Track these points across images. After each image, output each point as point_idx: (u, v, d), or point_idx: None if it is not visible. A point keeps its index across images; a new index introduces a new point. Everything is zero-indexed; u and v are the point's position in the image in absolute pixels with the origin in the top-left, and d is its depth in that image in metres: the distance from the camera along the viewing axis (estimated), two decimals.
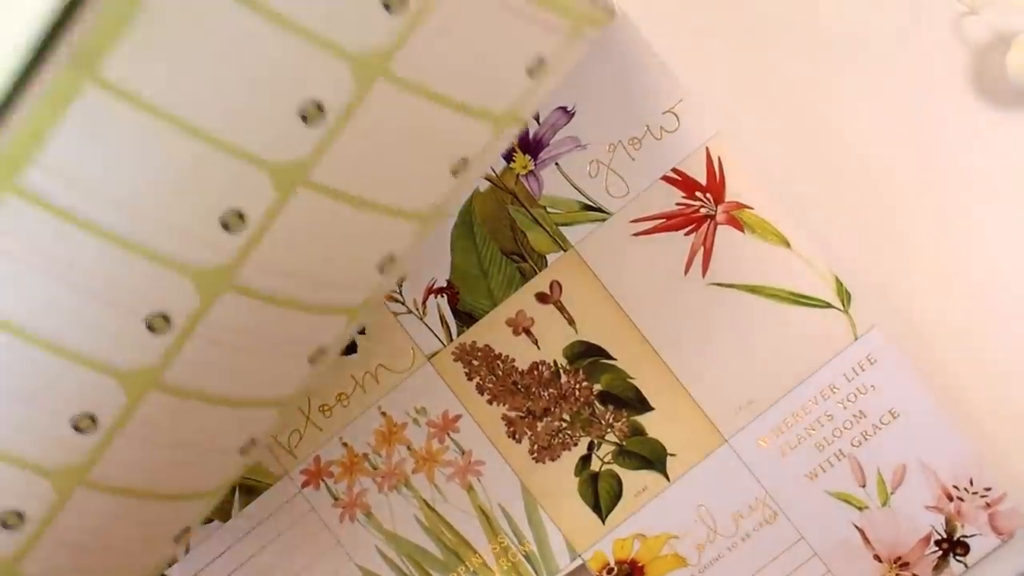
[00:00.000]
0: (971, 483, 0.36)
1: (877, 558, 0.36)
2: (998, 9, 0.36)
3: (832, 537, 0.36)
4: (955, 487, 0.36)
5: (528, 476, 0.37)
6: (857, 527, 0.36)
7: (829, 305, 0.36)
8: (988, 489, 0.36)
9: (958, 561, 0.36)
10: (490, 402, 0.37)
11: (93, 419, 0.26)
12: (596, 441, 0.36)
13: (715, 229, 0.36)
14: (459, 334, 0.36)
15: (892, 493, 0.36)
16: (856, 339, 0.36)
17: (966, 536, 0.36)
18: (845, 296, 0.36)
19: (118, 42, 0.22)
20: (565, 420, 0.37)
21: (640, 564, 0.37)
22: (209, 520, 0.37)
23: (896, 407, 0.36)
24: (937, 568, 0.36)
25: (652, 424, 0.36)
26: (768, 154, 0.36)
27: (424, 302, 0.37)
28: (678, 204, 0.36)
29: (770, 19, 0.36)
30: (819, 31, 0.36)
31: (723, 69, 0.36)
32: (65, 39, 0.22)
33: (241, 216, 0.25)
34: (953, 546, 0.36)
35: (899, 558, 0.36)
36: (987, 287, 0.36)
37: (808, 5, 0.36)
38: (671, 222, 0.36)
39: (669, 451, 0.36)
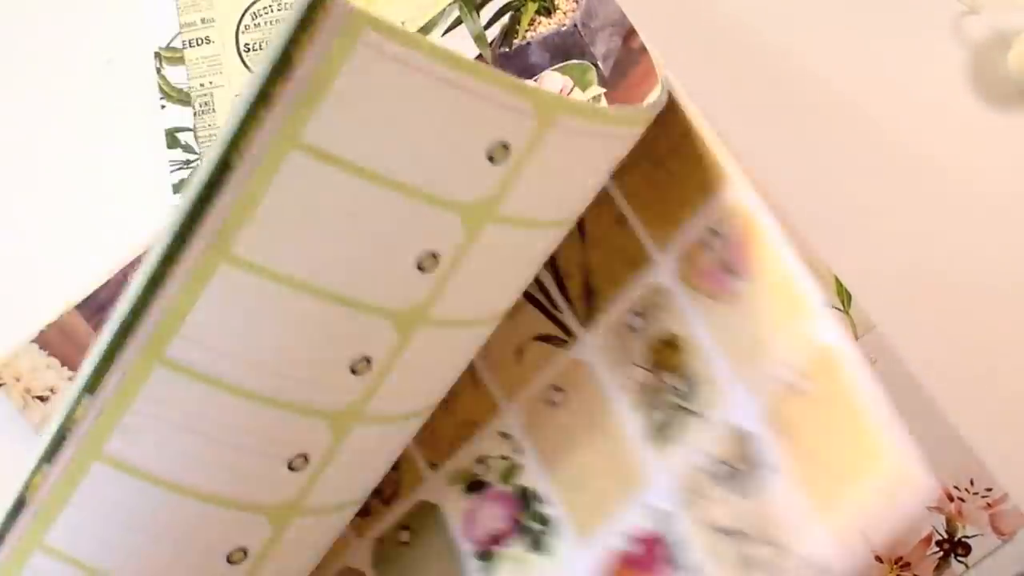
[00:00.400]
0: (972, 483, 0.36)
1: (878, 558, 0.36)
2: (998, 9, 0.36)
3: None
4: (956, 487, 0.36)
5: None
6: None
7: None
8: (989, 489, 0.36)
9: (959, 562, 0.36)
10: None
11: (245, 552, 0.29)
12: None
13: None
14: None
15: None
16: (856, 339, 0.36)
17: (967, 536, 0.36)
18: (845, 296, 0.36)
19: (248, 221, 0.24)
20: None
21: None
22: None
23: (896, 407, 0.36)
24: (938, 568, 0.36)
25: None
26: (768, 154, 0.36)
27: None
28: None
29: (769, 20, 0.36)
30: (818, 32, 0.36)
31: (722, 70, 0.36)
32: (204, 224, 0.24)
33: (368, 360, 0.27)
34: (954, 546, 0.36)
35: (900, 558, 0.36)
36: (987, 287, 0.36)
37: (807, 6, 0.36)
38: None
39: None
